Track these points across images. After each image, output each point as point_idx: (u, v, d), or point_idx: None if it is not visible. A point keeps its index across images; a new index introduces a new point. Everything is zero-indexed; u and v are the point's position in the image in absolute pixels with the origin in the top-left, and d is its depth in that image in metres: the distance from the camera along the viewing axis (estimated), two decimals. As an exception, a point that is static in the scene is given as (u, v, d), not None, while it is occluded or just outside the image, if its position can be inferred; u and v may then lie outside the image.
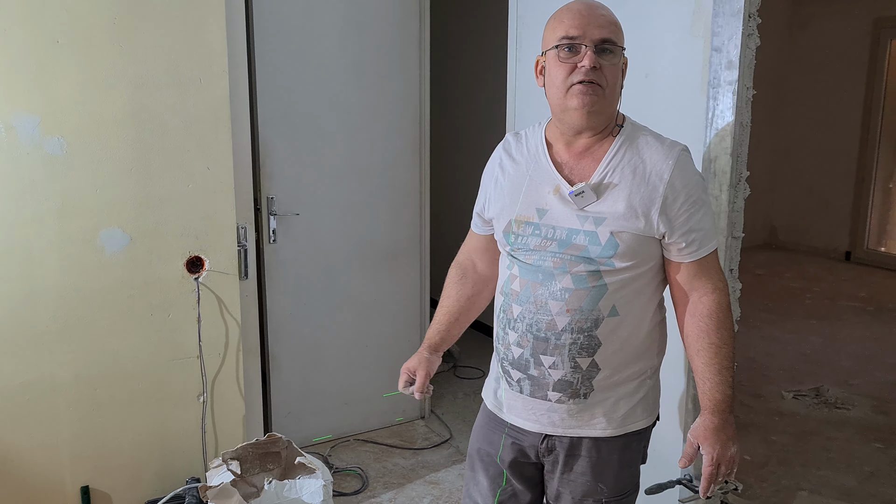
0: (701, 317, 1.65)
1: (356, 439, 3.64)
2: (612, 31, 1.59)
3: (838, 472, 3.31)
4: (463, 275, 1.95)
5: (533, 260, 1.65)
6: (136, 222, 2.56)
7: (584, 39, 1.57)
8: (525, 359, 1.68)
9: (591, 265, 1.60)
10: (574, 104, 1.58)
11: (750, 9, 2.04)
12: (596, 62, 1.56)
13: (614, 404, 1.70)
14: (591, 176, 1.63)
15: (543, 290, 1.63)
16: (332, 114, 3.37)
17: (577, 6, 1.61)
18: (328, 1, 3.27)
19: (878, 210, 6.95)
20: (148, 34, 2.48)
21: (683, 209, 1.60)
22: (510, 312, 1.70)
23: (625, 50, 1.63)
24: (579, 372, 1.65)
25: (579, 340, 1.63)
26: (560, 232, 1.62)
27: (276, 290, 3.37)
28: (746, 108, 2.10)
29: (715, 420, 1.63)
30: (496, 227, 1.76)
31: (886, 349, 4.84)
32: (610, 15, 1.62)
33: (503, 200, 1.72)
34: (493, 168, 1.79)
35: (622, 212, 1.58)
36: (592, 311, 1.61)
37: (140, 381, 2.66)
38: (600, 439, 1.72)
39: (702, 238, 1.63)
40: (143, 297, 2.61)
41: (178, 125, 2.57)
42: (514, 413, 1.77)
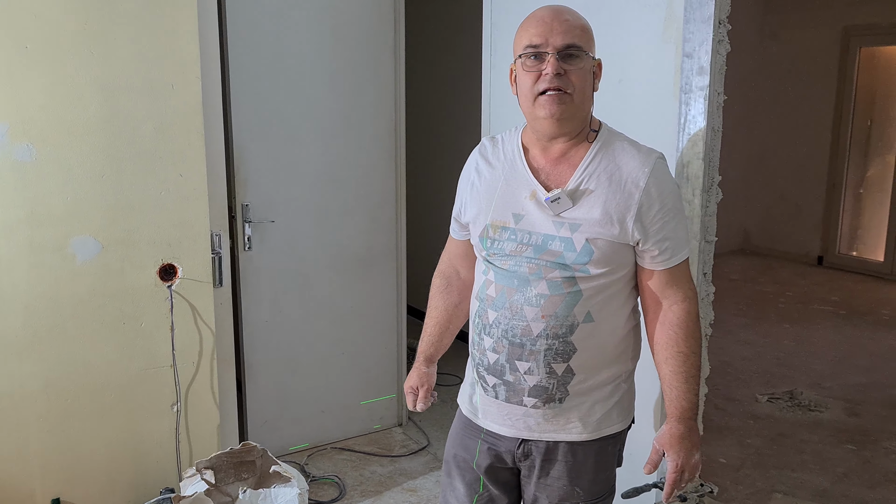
0: (670, 325, 1.66)
1: (333, 447, 3.61)
2: (577, 36, 1.59)
3: (812, 474, 3.35)
4: (447, 283, 1.95)
5: (508, 265, 1.65)
6: (107, 230, 2.53)
7: (546, 47, 1.57)
8: (500, 364, 1.68)
9: (566, 271, 1.61)
10: (542, 113, 1.59)
11: (720, 15, 2.07)
12: (559, 68, 1.56)
13: (589, 408, 1.71)
14: (567, 182, 1.63)
15: (519, 295, 1.63)
16: (307, 120, 3.35)
17: (541, 13, 1.62)
18: (302, 8, 3.26)
19: (848, 215, 7.05)
20: (119, 40, 2.46)
21: (658, 217, 1.61)
22: (485, 318, 1.70)
23: (592, 56, 1.63)
24: (554, 377, 1.66)
25: (554, 346, 1.63)
26: (536, 237, 1.63)
27: (251, 297, 3.35)
28: (718, 114, 2.12)
29: (681, 427, 1.65)
30: (472, 231, 1.76)
31: (858, 352, 4.90)
32: (575, 20, 1.61)
33: (479, 205, 1.72)
34: (469, 172, 1.79)
35: (598, 218, 1.59)
36: (567, 317, 1.62)
37: (112, 391, 2.62)
38: (576, 443, 1.72)
39: (674, 247, 1.64)
40: (115, 306, 2.58)
41: (150, 131, 2.55)
42: (490, 418, 1.77)
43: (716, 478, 3.29)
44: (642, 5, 2.25)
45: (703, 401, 2.29)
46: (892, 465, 3.42)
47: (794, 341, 5.13)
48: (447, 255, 1.97)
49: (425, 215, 4.90)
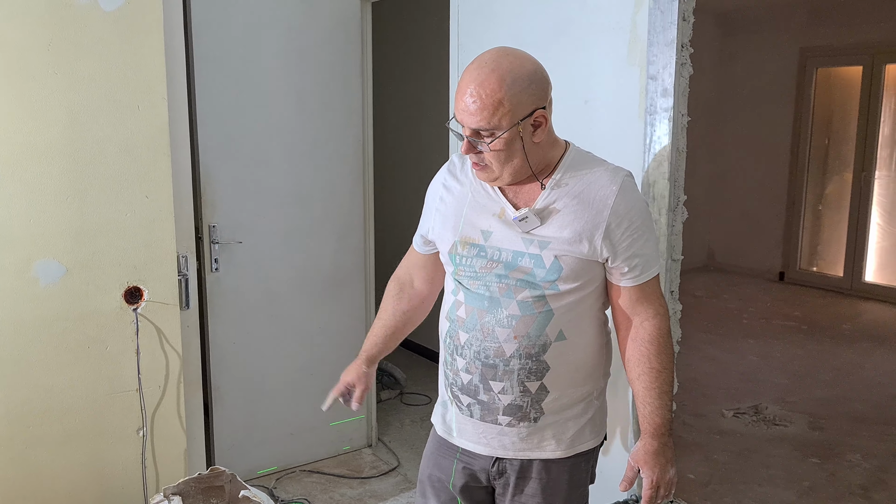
0: (642, 342, 1.68)
1: (302, 470, 3.58)
2: (485, 118, 1.52)
3: (778, 488, 3.39)
4: (401, 289, 1.96)
5: (477, 286, 1.66)
6: (72, 253, 2.49)
7: (462, 126, 1.58)
8: (474, 384, 1.69)
9: (535, 290, 1.62)
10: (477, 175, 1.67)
11: (682, 39, 2.11)
12: (470, 150, 1.59)
13: (563, 426, 1.72)
14: (535, 201, 1.65)
15: (490, 317, 1.64)
16: (274, 141, 3.35)
17: (465, 84, 1.54)
18: (269, 28, 3.27)
19: (808, 232, 7.20)
20: (84, 61, 2.43)
21: (627, 234, 1.62)
22: (457, 339, 1.70)
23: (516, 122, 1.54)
24: (528, 395, 1.67)
25: (528, 366, 1.64)
26: (506, 254, 1.64)
27: (218, 319, 3.31)
28: (682, 134, 2.17)
29: (655, 443, 1.66)
30: (441, 248, 1.77)
31: (820, 366, 4.99)
32: (488, 96, 1.51)
33: (448, 221, 1.73)
34: (437, 188, 1.80)
35: (566, 237, 1.60)
36: (540, 337, 1.63)
37: (76, 417, 2.57)
38: (550, 461, 1.73)
39: (644, 263, 1.66)
40: (79, 330, 2.53)
41: (115, 153, 2.52)
42: (465, 437, 1.77)
43: (685, 494, 3.32)
44: (607, 29, 2.30)
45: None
46: (857, 478, 3.48)
47: (758, 356, 5.20)
48: (406, 262, 1.97)
49: (394, 235, 4.91)
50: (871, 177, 6.63)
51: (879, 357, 5.17)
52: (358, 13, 3.49)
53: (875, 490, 3.37)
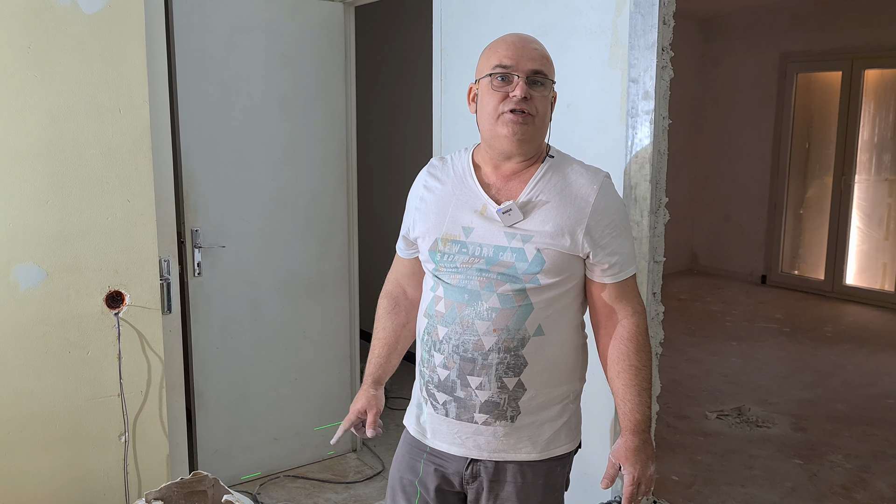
0: (621, 340, 1.70)
1: (286, 475, 3.56)
2: (544, 65, 1.66)
3: (761, 489, 3.41)
4: (395, 304, 1.95)
5: (458, 280, 1.67)
6: (52, 257, 2.47)
7: (516, 70, 1.63)
8: (451, 380, 1.69)
9: (516, 283, 1.63)
10: (504, 132, 1.64)
11: (663, 42, 2.13)
12: (527, 92, 1.62)
13: (539, 428, 1.72)
14: (518, 196, 1.68)
15: (470, 310, 1.66)
16: (257, 145, 3.34)
17: (511, 38, 1.68)
18: (252, 32, 3.26)
19: (790, 235, 7.26)
20: (64, 63, 2.42)
21: (607, 231, 1.66)
22: (435, 334, 1.71)
23: (555, 84, 1.70)
24: (506, 392, 1.67)
25: (506, 360, 1.65)
26: (487, 249, 1.66)
27: (201, 324, 3.30)
28: (663, 137, 2.18)
29: (635, 440, 1.68)
30: (422, 246, 1.77)
31: (802, 368, 5.03)
32: (543, 49, 1.68)
33: (429, 219, 1.74)
34: (417, 189, 1.82)
35: (549, 230, 1.64)
36: (519, 331, 1.65)
37: (57, 423, 2.55)
38: (525, 464, 1.73)
39: (623, 261, 1.69)
40: (60, 335, 2.51)
41: (96, 156, 2.50)
42: (440, 438, 1.77)
43: (669, 495, 3.33)
44: (588, 32, 2.31)
45: (654, 419, 2.32)
46: (839, 479, 3.50)
47: (740, 358, 5.24)
48: (394, 274, 1.97)
49: (377, 238, 4.90)
50: (851, 181, 6.70)
51: (860, 358, 5.21)
52: (341, 17, 3.49)
53: (857, 490, 3.40)
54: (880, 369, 5.00)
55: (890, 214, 6.56)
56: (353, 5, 3.54)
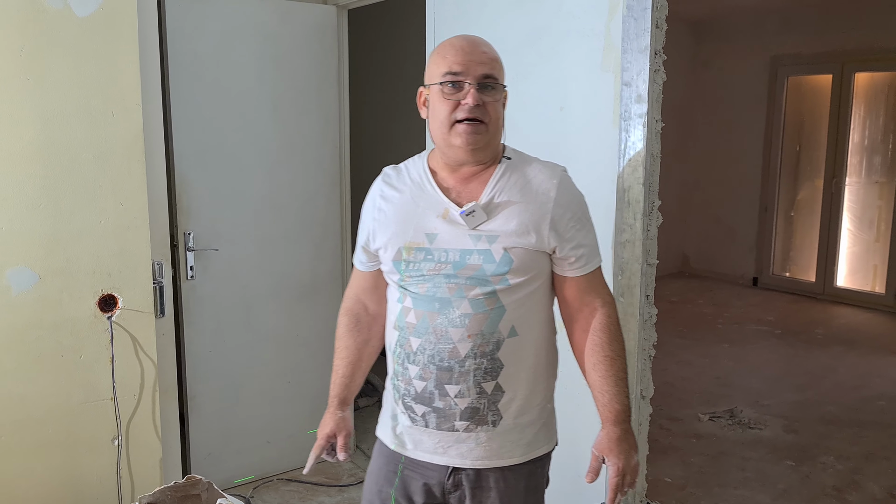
0: (594, 331, 1.71)
1: (279, 479, 3.55)
2: (494, 68, 1.64)
3: (753, 491, 3.42)
4: (356, 321, 1.88)
5: (426, 289, 1.65)
6: (45, 260, 2.46)
7: (467, 76, 1.61)
8: (429, 391, 1.67)
9: (486, 286, 1.62)
10: (458, 142, 1.62)
11: (656, 46, 2.14)
12: (479, 99, 1.60)
13: (521, 432, 1.72)
14: (479, 197, 1.66)
15: (442, 318, 1.63)
16: (250, 148, 3.33)
17: (460, 43, 1.65)
18: (244, 36, 3.26)
19: (781, 237, 7.29)
20: (57, 66, 2.41)
21: (570, 225, 1.67)
22: (408, 346, 1.68)
23: (506, 87, 1.69)
24: (485, 397, 1.66)
25: (483, 365, 1.64)
26: (453, 254, 1.64)
27: (194, 327, 3.29)
28: (656, 140, 2.19)
29: (617, 430, 1.68)
30: (384, 257, 1.73)
31: (794, 370, 5.05)
32: (492, 51, 1.66)
33: (390, 229, 1.71)
34: (373, 200, 1.78)
35: (514, 229, 1.63)
36: (493, 334, 1.63)
37: (50, 426, 2.54)
38: (507, 468, 1.71)
39: (588, 253, 1.70)
40: (52, 338, 2.50)
41: (89, 160, 2.50)
42: (421, 448, 1.74)
43: (661, 497, 3.34)
44: (581, 35, 2.32)
45: (647, 421, 2.33)
46: (830, 480, 3.52)
47: (732, 361, 5.25)
48: (353, 290, 1.90)
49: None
50: (841, 183, 6.74)
51: (851, 360, 5.24)
52: (334, 20, 3.49)
53: (848, 491, 3.41)
54: (871, 371, 5.02)
55: (880, 217, 6.60)
56: (346, 8, 3.54)
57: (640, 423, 2.30)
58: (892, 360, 5.24)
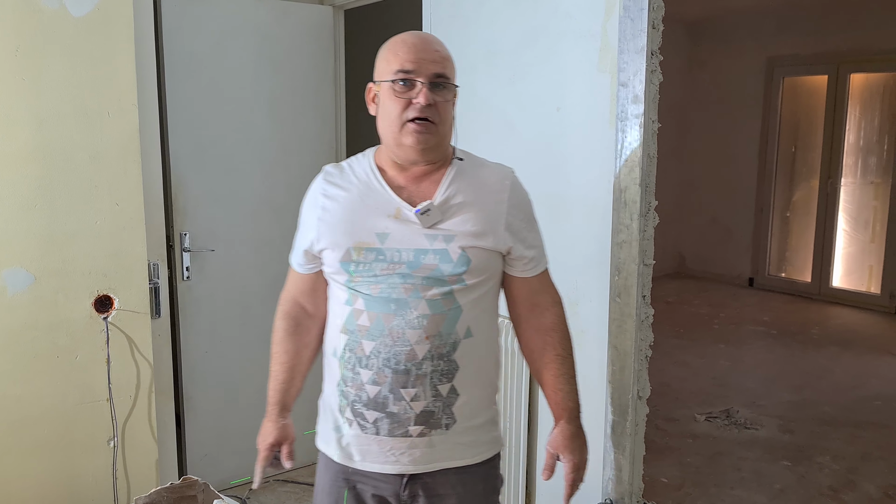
0: (546, 331, 1.72)
1: (276, 480, 3.55)
2: (446, 66, 1.61)
3: (750, 491, 3.42)
4: (296, 324, 1.82)
5: (380, 290, 1.60)
6: (40, 261, 2.46)
7: (419, 74, 1.57)
8: (383, 396, 1.61)
9: (443, 287, 1.59)
10: (409, 141, 1.59)
11: (652, 46, 2.14)
12: (430, 99, 1.57)
13: (474, 433, 1.69)
14: (433, 196, 1.63)
15: (398, 320, 1.58)
16: (246, 149, 3.33)
17: (412, 40, 1.61)
18: (241, 36, 3.25)
19: (777, 238, 7.30)
20: (52, 67, 2.41)
21: (523, 225, 1.68)
22: (360, 350, 1.62)
23: (457, 86, 1.66)
24: (440, 399, 1.62)
25: (440, 367, 1.61)
26: (406, 254, 1.59)
27: (190, 328, 3.28)
28: (653, 141, 2.19)
29: (571, 427, 1.70)
30: (330, 258, 1.66)
31: (790, 370, 5.06)
32: (444, 50, 1.63)
33: (337, 229, 1.65)
34: (315, 199, 1.72)
35: (471, 229, 1.61)
36: (451, 335, 1.61)
37: (45, 427, 2.53)
38: (464, 471, 1.68)
39: (539, 254, 1.72)
40: (48, 339, 2.50)
41: (85, 160, 2.49)
42: (371, 458, 1.67)
43: (658, 498, 3.34)
44: (578, 36, 2.32)
45: (643, 421, 2.33)
46: (826, 480, 3.53)
47: (728, 361, 5.26)
48: (290, 293, 1.83)
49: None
50: (837, 184, 6.75)
51: (847, 360, 5.25)
52: (330, 20, 3.49)
53: (844, 491, 3.42)
54: (867, 371, 5.03)
55: (876, 217, 6.61)
56: (343, 9, 3.54)
57: (637, 423, 2.30)
58: (888, 360, 5.25)
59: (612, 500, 2.09)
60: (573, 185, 2.40)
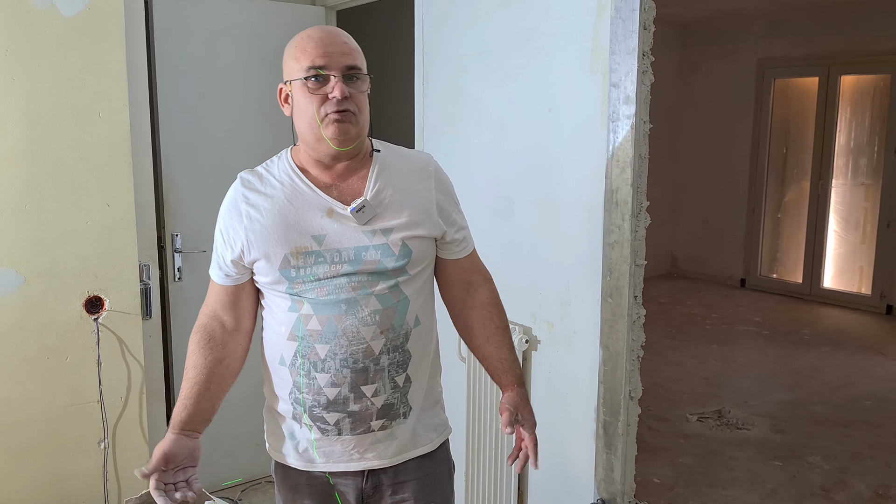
0: (483, 306, 1.76)
1: (268, 481, 3.54)
2: (357, 58, 1.59)
3: (742, 491, 3.43)
4: (210, 338, 1.67)
5: (327, 292, 1.57)
6: (30, 262, 2.44)
7: (331, 69, 1.54)
8: (343, 396, 1.60)
9: (388, 280, 1.59)
10: (329, 134, 1.55)
11: (643, 47, 2.14)
12: (346, 91, 1.55)
13: (429, 417, 1.73)
14: (363, 192, 1.62)
15: (351, 319, 1.57)
16: (237, 149, 3.32)
17: (319, 34, 1.58)
18: (232, 36, 3.25)
19: (768, 239, 7.33)
20: (43, 67, 2.40)
21: (452, 208, 1.71)
22: (314, 355, 1.59)
23: (371, 76, 1.63)
24: (398, 390, 1.64)
25: (396, 359, 1.62)
26: (347, 252, 1.57)
27: (181, 329, 3.27)
28: (644, 141, 2.19)
29: (522, 391, 1.72)
30: (265, 268, 1.60)
31: (781, 371, 5.07)
32: (352, 41, 1.61)
33: (269, 237, 1.58)
34: (236, 207, 1.65)
35: (406, 220, 1.61)
36: (402, 326, 1.62)
37: (34, 430, 2.52)
38: (423, 457, 1.72)
39: (467, 234, 1.75)
40: (38, 340, 2.48)
41: (75, 160, 2.48)
42: (335, 459, 1.66)
43: (650, 498, 3.34)
44: (570, 37, 2.32)
45: (636, 422, 2.33)
46: (818, 479, 3.54)
47: (720, 361, 5.27)
48: (209, 307, 1.71)
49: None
50: (828, 185, 6.77)
51: (838, 361, 5.27)
52: (322, 21, 3.48)
53: (836, 491, 3.43)
54: (858, 371, 5.05)
55: (866, 218, 6.64)
56: (335, 9, 3.54)
57: (629, 423, 2.31)
58: (879, 360, 5.28)
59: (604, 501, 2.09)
60: (565, 185, 2.40)
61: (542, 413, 2.51)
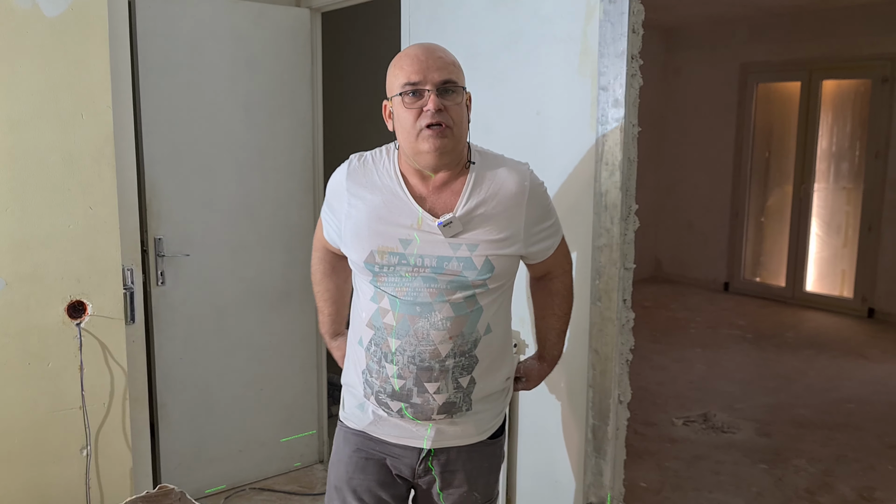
0: (550, 294, 1.93)
1: (252, 488, 3.50)
2: (452, 72, 1.67)
3: (728, 495, 3.44)
4: (332, 267, 1.99)
5: (406, 293, 1.68)
6: (11, 266, 2.40)
7: (425, 84, 1.64)
8: (407, 389, 1.71)
9: (466, 290, 1.67)
10: (425, 147, 1.64)
11: (632, 51, 2.14)
12: (440, 104, 1.63)
13: (487, 412, 1.81)
14: (454, 207, 1.69)
15: (423, 321, 1.67)
16: (222, 152, 3.29)
17: (414, 51, 1.68)
18: (217, 38, 3.22)
19: (751, 243, 7.37)
20: (24, 68, 2.36)
21: (540, 224, 1.77)
22: (386, 346, 1.71)
23: (466, 89, 1.71)
24: (461, 391, 1.73)
25: (461, 363, 1.70)
26: (430, 260, 1.67)
27: (164, 334, 3.23)
28: (633, 145, 2.19)
29: (544, 368, 1.98)
30: (353, 256, 1.74)
31: (765, 374, 5.10)
32: (447, 56, 1.69)
33: (361, 232, 1.72)
34: (344, 192, 1.78)
35: (494, 238, 1.68)
36: (472, 334, 1.70)
37: (15, 437, 2.47)
38: (473, 449, 1.81)
39: (554, 234, 1.82)
40: (19, 346, 2.44)
41: (57, 163, 2.44)
42: (394, 436, 1.79)
43: (637, 502, 3.34)
44: (558, 40, 2.32)
45: (624, 426, 2.33)
46: (803, 482, 3.55)
47: (705, 365, 5.29)
48: (320, 252, 2.00)
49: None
50: (810, 189, 6.83)
51: (822, 364, 5.30)
52: (307, 23, 3.46)
53: (821, 493, 3.44)
54: (841, 374, 5.09)
55: (848, 222, 6.70)
56: (320, 11, 3.52)
57: (618, 427, 2.30)
58: (861, 363, 5.32)
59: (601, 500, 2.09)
60: (553, 189, 2.39)
61: (530, 418, 2.50)
